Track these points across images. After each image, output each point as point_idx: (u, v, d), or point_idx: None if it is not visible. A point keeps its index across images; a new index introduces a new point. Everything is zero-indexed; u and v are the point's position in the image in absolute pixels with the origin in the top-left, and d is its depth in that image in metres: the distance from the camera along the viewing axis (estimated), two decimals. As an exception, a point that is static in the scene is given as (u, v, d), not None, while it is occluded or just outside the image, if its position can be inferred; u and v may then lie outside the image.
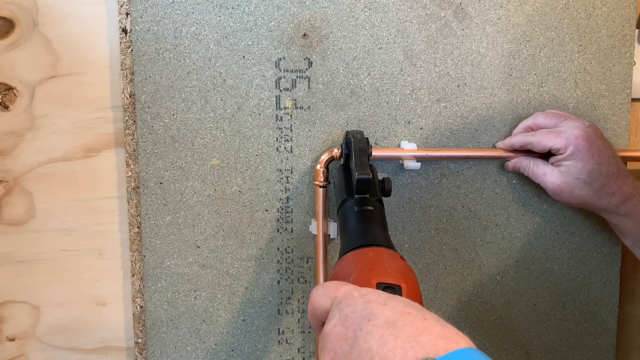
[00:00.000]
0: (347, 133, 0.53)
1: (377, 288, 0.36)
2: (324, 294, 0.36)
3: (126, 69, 0.57)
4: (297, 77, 0.58)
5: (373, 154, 0.56)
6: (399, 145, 0.60)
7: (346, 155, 0.53)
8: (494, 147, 0.61)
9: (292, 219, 0.60)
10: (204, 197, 0.59)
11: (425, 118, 0.60)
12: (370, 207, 0.47)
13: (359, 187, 0.47)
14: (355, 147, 0.50)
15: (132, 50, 0.56)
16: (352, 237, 0.45)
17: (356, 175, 0.47)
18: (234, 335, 0.62)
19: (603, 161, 0.53)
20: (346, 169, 0.52)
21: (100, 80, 0.58)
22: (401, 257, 0.41)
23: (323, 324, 0.36)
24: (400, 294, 0.36)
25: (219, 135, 0.58)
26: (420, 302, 0.38)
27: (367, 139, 0.52)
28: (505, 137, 0.60)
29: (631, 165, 0.64)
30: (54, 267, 0.61)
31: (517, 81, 0.61)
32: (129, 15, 0.56)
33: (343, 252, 0.44)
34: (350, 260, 0.41)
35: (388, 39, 0.59)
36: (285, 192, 0.60)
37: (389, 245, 0.43)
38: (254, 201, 0.60)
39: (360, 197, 0.48)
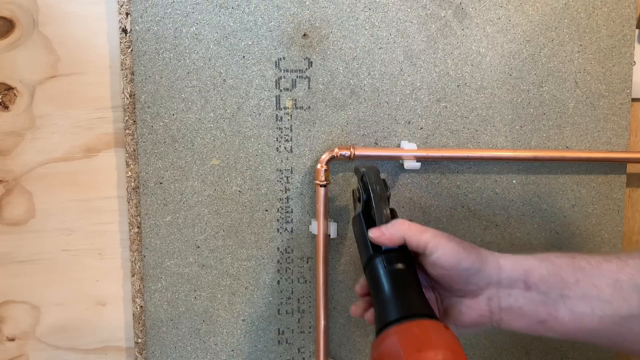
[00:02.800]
0: (363, 175, 0.50)
1: None
2: None
3: (126, 69, 0.57)
4: (297, 77, 0.58)
5: (373, 154, 0.56)
6: (399, 145, 0.60)
7: (365, 202, 0.49)
8: (494, 147, 0.61)
9: (292, 219, 0.60)
10: (204, 197, 0.59)
11: (425, 118, 0.60)
12: (401, 266, 0.45)
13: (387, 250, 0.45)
14: (374, 195, 0.48)
15: (132, 50, 0.56)
16: (389, 306, 0.43)
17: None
18: (234, 335, 0.62)
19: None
20: (367, 217, 0.49)
21: (100, 80, 0.58)
22: (445, 327, 0.40)
23: None
24: None
25: (219, 135, 0.58)
26: None
27: (384, 180, 0.50)
28: (506, 137, 0.60)
29: (631, 167, 0.64)
30: (54, 267, 0.61)
31: (517, 81, 0.61)
32: (129, 15, 0.56)
33: (382, 324, 0.42)
34: (395, 339, 0.40)
35: (388, 39, 0.59)
36: (285, 192, 0.60)
37: (429, 311, 0.42)
38: (254, 201, 0.60)
39: (389, 255, 0.46)
